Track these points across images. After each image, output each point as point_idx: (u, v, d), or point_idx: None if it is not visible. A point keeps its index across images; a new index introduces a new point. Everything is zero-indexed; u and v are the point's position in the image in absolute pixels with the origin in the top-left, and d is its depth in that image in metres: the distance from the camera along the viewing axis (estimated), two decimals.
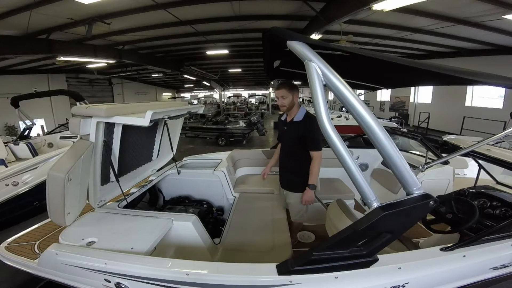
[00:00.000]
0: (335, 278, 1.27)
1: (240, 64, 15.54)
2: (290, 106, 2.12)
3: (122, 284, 1.44)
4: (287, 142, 2.27)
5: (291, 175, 2.27)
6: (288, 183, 2.33)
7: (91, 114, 1.62)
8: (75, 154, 1.62)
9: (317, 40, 1.27)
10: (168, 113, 1.97)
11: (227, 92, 25.61)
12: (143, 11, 5.90)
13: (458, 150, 2.15)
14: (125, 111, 1.69)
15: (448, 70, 1.14)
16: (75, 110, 1.66)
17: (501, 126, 8.57)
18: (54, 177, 1.51)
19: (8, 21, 5.61)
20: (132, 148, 2.21)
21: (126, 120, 1.63)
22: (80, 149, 1.64)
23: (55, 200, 1.59)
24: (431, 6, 5.59)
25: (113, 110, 1.62)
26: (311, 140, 2.08)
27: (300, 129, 2.12)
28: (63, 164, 1.55)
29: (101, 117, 1.61)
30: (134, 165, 2.37)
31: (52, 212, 1.65)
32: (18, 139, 5.46)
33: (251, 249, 1.94)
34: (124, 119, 1.63)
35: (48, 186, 1.56)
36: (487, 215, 1.76)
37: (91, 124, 1.66)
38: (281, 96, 2.10)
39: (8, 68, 10.80)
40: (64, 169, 1.51)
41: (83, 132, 1.66)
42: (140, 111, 1.70)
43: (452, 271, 1.42)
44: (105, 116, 1.60)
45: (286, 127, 2.24)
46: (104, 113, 1.58)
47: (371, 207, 1.16)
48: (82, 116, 1.64)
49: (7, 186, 3.56)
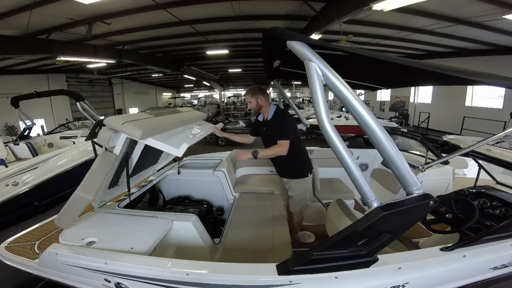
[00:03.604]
0: (335, 278, 1.27)
1: (240, 64, 15.54)
2: (258, 108, 2.28)
3: (122, 284, 1.44)
4: (268, 140, 2.32)
5: (285, 167, 2.36)
6: (286, 173, 2.40)
7: (126, 132, 1.54)
8: (102, 170, 1.63)
9: (317, 40, 1.27)
10: (196, 139, 1.92)
11: (227, 92, 25.61)
12: (143, 11, 5.90)
13: (458, 150, 2.15)
14: (157, 130, 1.63)
15: (448, 70, 1.14)
16: (109, 122, 1.57)
17: (501, 126, 8.57)
18: (81, 198, 1.53)
19: (8, 21, 5.61)
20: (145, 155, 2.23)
21: (160, 146, 1.56)
22: (107, 164, 1.64)
23: (72, 212, 1.64)
24: (431, 6, 5.59)
25: (148, 132, 1.54)
26: (278, 130, 2.16)
27: (273, 126, 2.25)
28: (91, 184, 1.56)
29: (135, 137, 1.54)
30: (142, 168, 2.40)
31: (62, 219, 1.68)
32: (18, 139, 5.47)
33: (251, 249, 1.94)
34: (158, 144, 1.56)
35: (71, 201, 1.58)
36: (487, 215, 1.76)
37: (121, 139, 1.63)
38: (248, 101, 2.31)
39: (8, 68, 10.79)
40: (92, 191, 1.54)
41: (111, 144, 1.62)
42: (169, 127, 1.76)
43: (452, 271, 1.41)
44: (140, 139, 1.52)
45: (265, 127, 2.34)
46: (141, 136, 1.50)
47: (371, 207, 1.16)
48: (114, 130, 1.58)
49: (7, 186, 3.55)
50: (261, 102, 2.25)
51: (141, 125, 1.54)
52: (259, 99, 2.25)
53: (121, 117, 1.60)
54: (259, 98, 2.25)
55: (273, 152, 2.15)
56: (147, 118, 1.73)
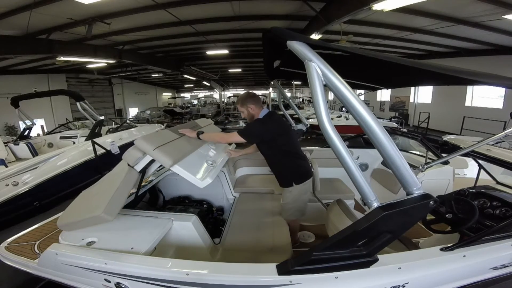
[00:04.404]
0: (335, 278, 1.27)
1: (240, 64, 15.53)
2: (250, 117, 2.24)
3: (122, 284, 1.44)
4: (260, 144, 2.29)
5: (276, 174, 2.33)
6: (278, 180, 2.34)
7: (157, 159, 1.68)
8: (127, 188, 1.70)
9: (317, 40, 1.27)
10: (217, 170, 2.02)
11: (227, 92, 25.59)
12: (143, 11, 5.90)
13: (458, 150, 2.15)
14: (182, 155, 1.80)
15: (448, 70, 1.14)
16: (140, 145, 1.70)
17: (501, 126, 8.56)
18: (103, 219, 1.52)
19: (8, 21, 5.61)
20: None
21: (186, 175, 1.72)
22: (131, 181, 1.74)
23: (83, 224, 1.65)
24: (431, 6, 5.59)
25: (176, 160, 1.70)
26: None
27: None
28: (116, 204, 1.57)
29: (165, 165, 1.69)
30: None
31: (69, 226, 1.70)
32: (18, 139, 5.47)
33: (251, 249, 1.94)
34: (185, 173, 1.71)
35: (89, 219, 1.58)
36: (487, 215, 1.76)
37: (146, 158, 1.76)
38: (240, 111, 2.32)
39: (8, 68, 10.79)
40: (115, 212, 1.55)
41: (135, 163, 1.77)
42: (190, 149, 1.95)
43: (452, 271, 1.41)
44: (169, 167, 1.68)
45: None
46: (170, 165, 1.67)
47: (371, 207, 1.16)
48: (143, 153, 1.72)
49: (7, 186, 3.55)
50: (252, 111, 2.19)
51: (170, 152, 1.70)
52: (249, 108, 2.19)
53: (150, 140, 1.73)
54: (249, 107, 2.19)
55: (217, 137, 2.22)
56: (172, 140, 1.88)
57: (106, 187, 1.78)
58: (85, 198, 1.92)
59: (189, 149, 1.95)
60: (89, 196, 1.91)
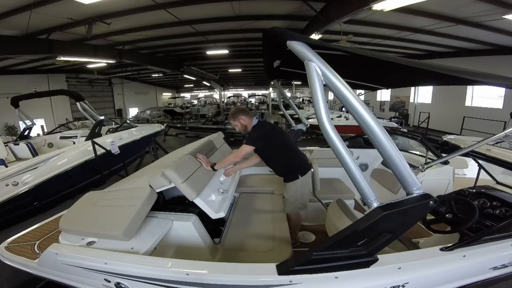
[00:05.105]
0: (335, 278, 1.27)
1: (240, 64, 15.53)
2: (244, 128, 2.38)
3: (122, 284, 1.44)
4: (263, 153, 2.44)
5: (277, 171, 2.49)
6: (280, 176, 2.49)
7: (184, 191, 1.81)
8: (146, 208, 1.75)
9: (317, 40, 1.27)
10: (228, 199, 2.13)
11: (227, 92, 25.59)
12: (143, 11, 5.90)
13: (458, 150, 2.15)
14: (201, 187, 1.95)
15: (448, 70, 1.14)
16: (170, 177, 1.80)
17: (501, 126, 8.56)
18: (120, 238, 1.54)
19: (8, 21, 5.61)
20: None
21: (205, 208, 1.84)
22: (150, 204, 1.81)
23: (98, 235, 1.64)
24: (431, 6, 5.59)
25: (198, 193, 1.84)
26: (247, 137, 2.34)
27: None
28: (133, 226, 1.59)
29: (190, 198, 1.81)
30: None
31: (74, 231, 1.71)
32: (18, 139, 5.47)
33: (251, 249, 1.94)
34: (204, 206, 1.83)
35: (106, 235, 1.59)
36: (487, 215, 1.76)
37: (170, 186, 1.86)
38: (234, 126, 2.43)
39: (8, 68, 10.80)
40: (131, 234, 1.57)
41: (158, 188, 1.90)
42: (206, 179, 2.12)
43: (452, 271, 1.42)
44: (192, 199, 1.81)
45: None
46: (193, 198, 1.80)
47: (371, 207, 1.16)
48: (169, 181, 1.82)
49: (7, 186, 3.55)
50: (244, 122, 2.34)
51: (193, 185, 1.85)
52: (241, 120, 2.33)
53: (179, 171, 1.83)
54: (241, 119, 2.33)
55: (231, 160, 2.32)
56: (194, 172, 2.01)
57: (124, 203, 1.78)
58: (95, 205, 1.89)
59: (206, 180, 2.12)
60: (101, 203, 1.89)
